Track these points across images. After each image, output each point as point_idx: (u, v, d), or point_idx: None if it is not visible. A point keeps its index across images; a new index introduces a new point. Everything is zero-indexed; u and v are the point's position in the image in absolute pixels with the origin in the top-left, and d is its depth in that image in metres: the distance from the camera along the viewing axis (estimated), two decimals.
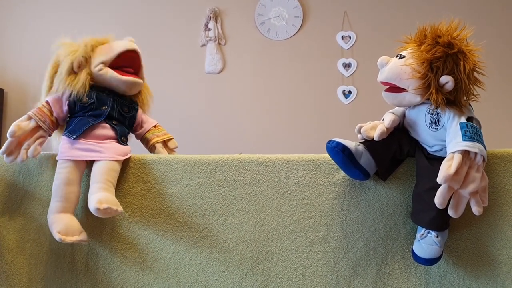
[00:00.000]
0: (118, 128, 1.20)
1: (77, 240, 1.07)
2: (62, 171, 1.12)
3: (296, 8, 3.17)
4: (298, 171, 1.14)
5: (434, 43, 1.00)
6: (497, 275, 1.06)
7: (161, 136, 1.32)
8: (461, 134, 0.96)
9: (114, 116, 1.21)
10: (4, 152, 1.11)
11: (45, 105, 1.19)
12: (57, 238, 1.05)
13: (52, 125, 1.19)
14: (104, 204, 1.02)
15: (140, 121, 1.30)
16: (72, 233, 1.07)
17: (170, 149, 1.33)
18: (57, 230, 1.06)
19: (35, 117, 1.16)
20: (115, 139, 1.19)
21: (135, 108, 1.28)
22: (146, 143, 1.33)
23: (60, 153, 1.14)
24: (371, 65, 3.24)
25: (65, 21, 3.16)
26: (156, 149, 1.30)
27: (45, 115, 1.18)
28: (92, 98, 1.18)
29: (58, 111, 1.19)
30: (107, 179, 1.10)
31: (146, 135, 1.31)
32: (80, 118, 1.18)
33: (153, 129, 1.32)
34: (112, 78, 1.20)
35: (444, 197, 0.92)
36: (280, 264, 1.12)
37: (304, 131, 3.09)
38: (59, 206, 1.09)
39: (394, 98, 1.07)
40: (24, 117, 1.16)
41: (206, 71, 3.16)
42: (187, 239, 1.15)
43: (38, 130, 1.16)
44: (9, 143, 1.11)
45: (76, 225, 1.09)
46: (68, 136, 1.15)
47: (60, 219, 1.08)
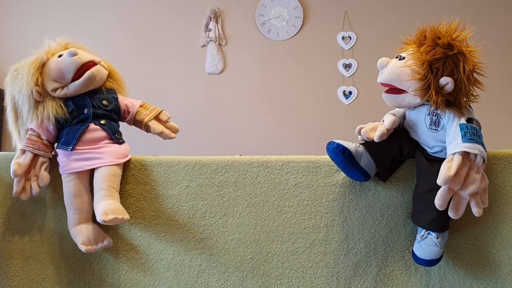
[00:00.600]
0: (107, 127, 1.18)
1: (102, 246, 1.11)
2: (68, 185, 1.12)
3: (296, 9, 3.17)
4: (298, 172, 1.14)
5: (433, 44, 1.00)
6: (498, 276, 1.06)
7: (150, 113, 1.28)
8: (461, 135, 0.95)
9: (99, 114, 1.19)
10: (17, 193, 1.12)
11: (31, 133, 1.17)
12: (83, 250, 1.08)
13: (47, 148, 1.17)
14: (110, 215, 1.03)
15: (125, 107, 1.27)
16: (95, 241, 1.11)
17: (164, 121, 1.30)
18: (81, 242, 1.09)
19: (28, 148, 1.14)
20: (109, 139, 1.18)
21: (114, 97, 1.25)
22: (139, 126, 1.29)
23: (61, 167, 1.14)
24: (372, 65, 3.23)
25: (65, 21, 3.16)
26: (151, 127, 1.27)
27: (36, 142, 1.16)
28: (70, 106, 1.17)
29: (46, 133, 1.17)
30: (109, 186, 1.10)
31: (136, 118, 1.28)
32: (69, 128, 1.16)
33: (140, 109, 1.28)
34: (76, 88, 1.17)
35: (444, 199, 0.92)
36: (280, 265, 1.12)
37: (304, 131, 3.09)
38: (76, 219, 1.11)
39: (394, 100, 1.07)
40: (18, 153, 1.14)
41: (207, 71, 3.16)
42: (187, 240, 1.15)
43: (38, 158, 1.15)
44: (18, 183, 1.12)
45: (97, 232, 1.12)
46: (64, 149, 1.14)
47: (80, 231, 1.11)
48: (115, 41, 3.08)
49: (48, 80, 1.16)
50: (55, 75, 1.16)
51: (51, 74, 1.16)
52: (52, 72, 1.16)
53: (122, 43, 3.10)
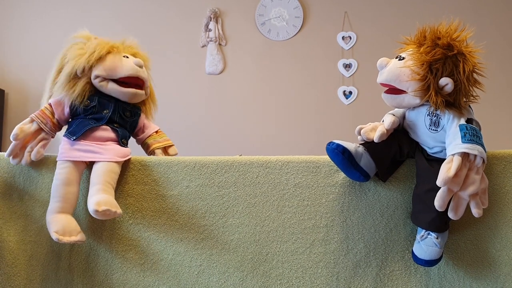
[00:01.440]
0: (119, 130, 1.20)
1: (74, 240, 1.07)
2: (61, 172, 1.12)
3: (296, 9, 3.17)
4: (298, 172, 1.15)
5: (433, 45, 1.00)
6: (497, 276, 1.06)
7: (161, 142, 1.31)
8: (461, 136, 0.95)
9: (115, 120, 1.21)
10: (9, 154, 1.14)
11: (48, 107, 1.20)
12: (54, 238, 1.05)
13: (54, 127, 1.20)
14: (103, 206, 1.02)
15: (141, 126, 1.30)
16: (70, 234, 1.07)
17: (170, 155, 1.33)
18: (54, 230, 1.06)
19: (37, 119, 1.16)
20: (115, 141, 1.19)
21: (138, 113, 1.28)
22: (146, 148, 1.32)
23: (60, 153, 1.14)
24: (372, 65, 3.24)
25: (66, 22, 3.16)
26: (156, 155, 1.29)
27: (47, 117, 1.18)
28: (94, 101, 1.19)
29: (60, 113, 1.20)
30: (106, 181, 1.10)
31: (146, 140, 1.31)
32: (81, 120, 1.18)
33: (154, 134, 1.31)
34: (112, 91, 1.20)
35: (444, 200, 0.92)
36: (280, 265, 1.12)
37: (304, 131, 3.09)
38: (58, 207, 1.09)
39: (394, 100, 1.07)
40: (27, 120, 1.17)
41: (207, 72, 3.16)
42: (187, 240, 1.15)
43: (41, 133, 1.17)
44: (13, 146, 1.13)
45: (74, 225, 1.09)
46: (68, 137, 1.15)
47: (58, 220, 1.08)
48: None
49: (99, 66, 1.19)
50: (109, 66, 1.19)
51: (107, 64, 1.20)
52: (109, 63, 1.20)
53: None
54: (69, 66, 1.18)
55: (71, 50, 1.20)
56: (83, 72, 1.18)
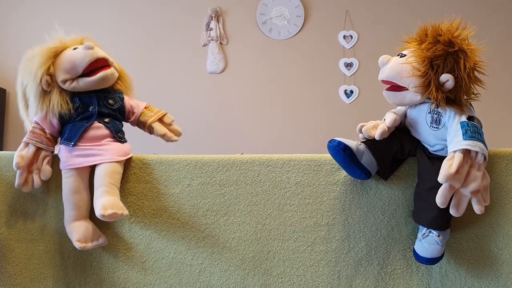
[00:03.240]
0: (110, 125, 1.18)
1: (96, 245, 1.11)
2: (67, 181, 1.12)
3: (297, 8, 3.17)
4: (300, 171, 1.14)
5: (434, 41, 1.00)
6: (499, 275, 1.06)
7: (154, 115, 1.29)
8: (462, 133, 0.95)
9: (104, 113, 1.19)
10: (19, 184, 1.13)
11: (36, 126, 1.18)
12: (78, 247, 1.08)
13: (50, 142, 1.18)
14: (109, 210, 1.03)
15: (129, 108, 1.28)
16: (91, 239, 1.10)
17: (167, 124, 1.31)
18: (76, 239, 1.09)
19: (31, 141, 1.15)
20: (112, 137, 1.18)
21: (120, 97, 1.26)
22: (143, 127, 1.30)
23: (62, 162, 1.14)
24: (373, 64, 3.23)
25: (66, 21, 3.16)
26: (154, 129, 1.28)
27: (40, 136, 1.17)
28: (76, 102, 1.17)
29: (50, 127, 1.18)
30: (110, 182, 1.10)
31: (140, 119, 1.29)
32: (73, 124, 1.16)
33: (145, 111, 1.29)
34: (85, 84, 1.17)
35: (446, 196, 0.92)
36: (281, 263, 1.12)
37: (305, 130, 3.09)
38: (73, 215, 1.11)
39: (395, 97, 1.07)
40: (21, 146, 1.15)
41: (208, 71, 3.16)
42: (188, 239, 1.15)
43: (40, 152, 1.16)
44: (20, 175, 1.13)
45: (93, 230, 1.12)
46: (66, 144, 1.15)
47: (76, 228, 1.10)
48: (116, 41, 3.08)
49: (59, 70, 1.16)
50: (67, 66, 1.16)
51: (63, 65, 1.16)
52: (64, 63, 1.16)
53: (123, 43, 3.10)
54: (31, 87, 1.15)
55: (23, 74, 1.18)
56: (49, 85, 1.15)
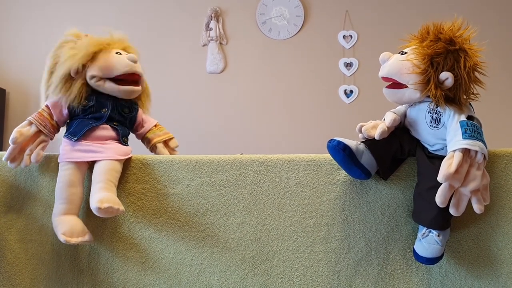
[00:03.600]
0: (119, 128, 1.20)
1: (82, 241, 1.08)
2: (64, 174, 1.12)
3: (297, 8, 3.17)
4: (299, 171, 1.14)
5: (435, 39, 1.00)
6: (499, 275, 1.06)
7: (162, 135, 1.32)
8: (461, 132, 0.95)
9: (114, 118, 1.21)
10: (8, 158, 1.13)
11: (45, 109, 1.19)
12: (62, 240, 1.06)
13: (52, 129, 1.19)
14: (105, 203, 1.02)
15: (140, 121, 1.30)
16: (77, 234, 1.08)
17: (171, 148, 1.33)
18: (61, 232, 1.07)
19: (35, 122, 1.16)
20: (116, 140, 1.19)
21: (135, 109, 1.28)
22: (147, 143, 1.33)
23: (61, 155, 1.14)
24: (373, 64, 3.22)
25: (66, 21, 3.16)
26: (157, 149, 1.30)
27: (46, 119, 1.17)
28: (92, 101, 1.18)
29: (58, 115, 1.19)
30: (108, 179, 1.10)
31: (147, 135, 1.31)
32: (81, 120, 1.17)
33: (154, 128, 1.32)
34: (110, 89, 1.19)
35: (445, 196, 0.92)
36: (281, 264, 1.12)
37: (305, 130, 3.09)
38: (63, 208, 1.10)
39: (394, 95, 1.07)
40: (25, 123, 1.16)
41: (208, 71, 3.16)
42: (188, 239, 1.15)
43: (40, 135, 1.17)
44: (12, 149, 1.12)
45: (80, 226, 1.10)
46: (69, 138, 1.15)
47: (64, 221, 1.08)
48: None
49: (94, 65, 1.18)
50: (104, 66, 1.18)
51: (101, 63, 1.18)
52: (103, 62, 1.18)
53: None
54: (63, 67, 1.16)
55: (63, 50, 1.19)
56: (77, 74, 1.17)
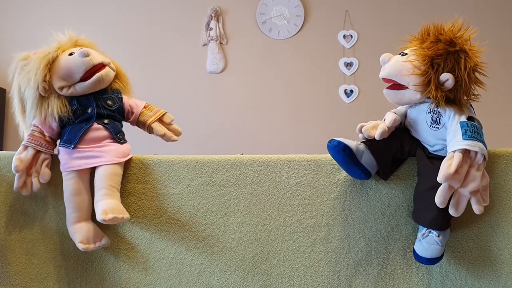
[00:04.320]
0: (110, 126, 1.18)
1: (99, 246, 1.11)
2: (68, 183, 1.13)
3: (297, 7, 3.17)
4: (300, 171, 1.14)
5: (436, 40, 1.00)
6: (499, 275, 1.06)
7: (153, 115, 1.28)
8: (462, 133, 0.95)
9: (103, 114, 1.19)
10: (18, 188, 1.13)
11: (35, 129, 1.18)
12: (81, 248, 1.08)
13: (49, 145, 1.18)
14: (110, 214, 1.03)
15: (129, 108, 1.27)
16: (94, 240, 1.11)
17: (167, 123, 1.30)
18: (79, 241, 1.09)
19: (30, 144, 1.15)
20: (111, 139, 1.18)
21: (119, 97, 1.25)
22: (142, 127, 1.29)
23: (62, 165, 1.14)
24: (373, 64, 3.22)
25: (67, 21, 3.16)
26: (154, 129, 1.27)
27: (39, 138, 1.17)
28: (74, 105, 1.17)
29: (49, 130, 1.18)
30: (110, 185, 1.10)
31: (139, 119, 1.28)
32: (72, 126, 1.16)
33: (144, 110, 1.28)
34: (83, 88, 1.17)
35: (445, 196, 0.92)
36: (281, 264, 1.12)
37: (305, 130, 3.09)
38: (75, 217, 1.11)
39: (395, 96, 1.07)
40: (20, 149, 1.15)
41: (208, 70, 3.16)
42: (188, 239, 1.15)
43: (40, 154, 1.16)
44: (18, 178, 1.13)
45: (95, 231, 1.12)
46: (66, 146, 1.14)
47: (79, 229, 1.10)
48: (116, 40, 3.08)
49: (56, 77, 1.16)
50: (64, 74, 1.15)
51: (60, 72, 1.15)
52: (61, 70, 1.15)
53: (123, 42, 3.10)
54: (29, 94, 1.15)
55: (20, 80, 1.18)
56: (46, 91, 1.15)
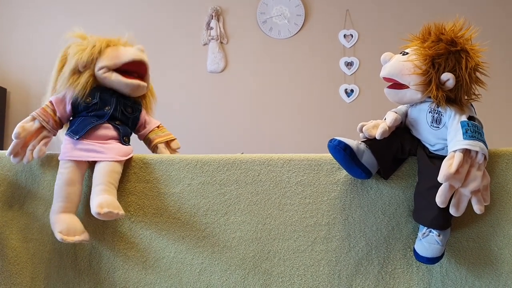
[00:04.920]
0: (120, 128, 1.20)
1: (78, 240, 1.07)
2: (63, 172, 1.12)
3: (298, 7, 3.17)
4: (300, 170, 1.14)
5: (437, 40, 1.00)
6: (500, 274, 1.06)
7: (163, 136, 1.32)
8: (462, 132, 0.95)
9: (117, 117, 1.21)
10: (11, 153, 1.13)
11: (49, 105, 1.19)
12: (59, 238, 1.06)
13: (56, 125, 1.20)
14: (105, 208, 1.03)
15: (143, 122, 1.30)
16: (74, 233, 1.08)
17: (173, 149, 1.33)
18: (58, 230, 1.07)
19: (38, 117, 1.16)
20: (117, 139, 1.19)
21: (139, 109, 1.28)
22: (148, 144, 1.33)
23: (62, 153, 1.14)
24: (373, 63, 3.23)
25: (68, 21, 3.16)
26: (159, 149, 1.30)
27: (49, 115, 1.18)
28: (95, 98, 1.19)
29: (62, 111, 1.19)
30: (108, 181, 1.10)
31: (148, 136, 1.31)
32: (83, 118, 1.18)
33: (156, 129, 1.32)
34: (116, 81, 1.20)
35: (445, 196, 0.92)
36: (282, 263, 1.12)
37: (306, 130, 3.09)
38: (61, 207, 1.10)
39: (396, 95, 1.07)
40: (28, 118, 1.16)
41: (208, 70, 3.16)
42: (189, 238, 1.15)
43: (43, 131, 1.17)
44: (15, 144, 1.13)
45: (77, 225, 1.10)
46: (71, 136, 1.15)
47: (62, 219, 1.08)
48: None
49: (103, 56, 1.20)
50: (112, 55, 1.20)
51: (109, 53, 1.21)
52: (111, 52, 1.21)
53: None
54: (72, 61, 1.18)
55: (72, 47, 1.21)
56: (85, 67, 1.18)
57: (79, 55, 1.18)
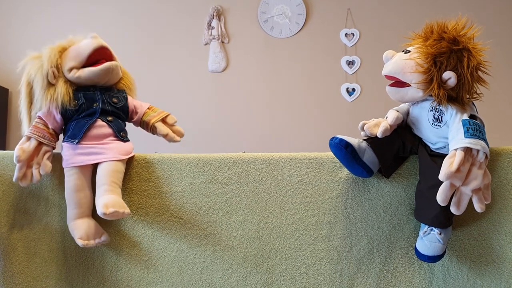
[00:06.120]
0: (113, 124, 1.19)
1: (99, 242, 1.11)
2: (70, 179, 1.13)
3: (299, 6, 3.17)
4: (301, 169, 1.15)
5: (439, 38, 1.00)
6: (501, 272, 1.06)
7: (157, 115, 1.30)
8: (464, 131, 0.95)
9: (108, 110, 1.20)
10: (18, 178, 1.13)
11: (39, 121, 1.19)
12: (80, 244, 1.08)
13: (52, 137, 1.19)
14: (110, 208, 1.03)
15: (133, 108, 1.29)
16: (94, 236, 1.11)
17: (170, 124, 1.32)
18: (78, 237, 1.09)
19: (33, 135, 1.16)
20: (114, 136, 1.19)
21: (124, 97, 1.27)
22: (146, 127, 1.31)
23: (65, 161, 1.15)
24: (375, 62, 3.23)
25: (69, 21, 3.17)
26: (157, 128, 1.29)
27: (42, 130, 1.17)
28: (80, 99, 1.18)
29: (53, 122, 1.19)
30: (112, 181, 1.11)
31: (143, 119, 1.30)
32: (77, 121, 1.17)
33: (148, 111, 1.31)
34: (90, 74, 1.18)
35: (446, 194, 0.92)
36: (283, 262, 1.12)
37: (307, 128, 3.09)
38: (75, 213, 1.12)
39: (397, 93, 1.07)
40: (23, 139, 1.16)
41: (210, 69, 3.16)
42: (191, 237, 1.15)
43: (42, 147, 1.17)
44: (19, 169, 1.13)
45: (95, 227, 1.12)
46: (70, 142, 1.15)
47: (79, 226, 1.11)
48: (118, 40, 3.08)
49: (66, 59, 1.19)
50: (73, 54, 1.18)
51: (69, 53, 1.19)
52: (70, 52, 1.19)
53: (125, 42, 3.11)
54: (38, 78, 1.16)
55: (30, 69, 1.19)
56: (55, 77, 1.17)
57: (41, 69, 1.16)
